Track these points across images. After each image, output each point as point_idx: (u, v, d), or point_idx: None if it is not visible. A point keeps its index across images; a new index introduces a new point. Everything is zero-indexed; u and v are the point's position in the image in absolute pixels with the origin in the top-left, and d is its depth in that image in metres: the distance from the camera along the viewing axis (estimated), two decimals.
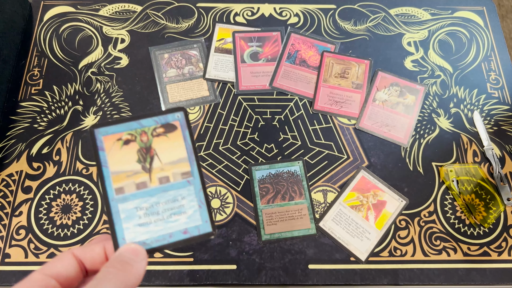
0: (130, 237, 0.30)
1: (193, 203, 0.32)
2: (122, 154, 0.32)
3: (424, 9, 0.74)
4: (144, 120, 0.33)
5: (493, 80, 0.68)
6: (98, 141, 0.32)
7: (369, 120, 0.63)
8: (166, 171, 0.32)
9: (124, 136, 0.32)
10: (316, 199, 0.58)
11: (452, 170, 0.59)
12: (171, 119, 0.33)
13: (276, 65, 0.68)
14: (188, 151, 0.33)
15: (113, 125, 0.32)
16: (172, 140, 0.33)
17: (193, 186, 0.33)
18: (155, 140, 0.33)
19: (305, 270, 0.53)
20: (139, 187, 0.32)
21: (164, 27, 0.71)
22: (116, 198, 0.31)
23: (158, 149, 0.33)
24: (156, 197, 0.32)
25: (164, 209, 0.31)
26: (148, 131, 0.33)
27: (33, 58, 0.68)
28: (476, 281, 0.53)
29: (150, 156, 0.33)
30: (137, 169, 0.32)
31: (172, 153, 0.33)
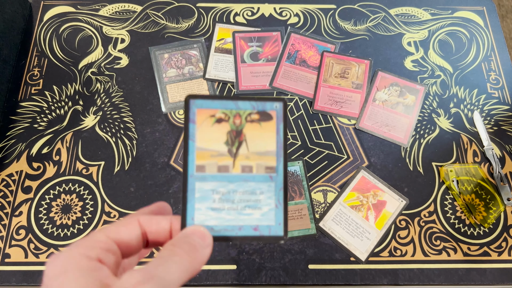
0: (200, 219, 0.29)
1: (270, 201, 0.31)
2: (212, 132, 0.31)
3: (424, 9, 0.74)
4: (241, 102, 0.31)
5: (493, 80, 0.68)
6: (191, 112, 0.30)
7: (369, 120, 0.63)
8: (251, 161, 0.31)
9: (218, 114, 0.31)
10: (316, 199, 0.58)
11: (452, 170, 0.59)
12: (268, 108, 0.32)
13: (276, 65, 0.68)
14: (278, 145, 0.31)
15: (210, 99, 0.31)
16: (265, 129, 0.32)
17: (274, 183, 0.31)
18: (247, 125, 0.31)
19: (305, 270, 0.53)
20: (221, 169, 0.30)
21: (164, 27, 0.71)
22: (195, 175, 0.30)
23: (249, 136, 0.31)
24: (235, 184, 0.30)
25: (240, 199, 0.30)
26: (243, 114, 0.31)
27: (33, 58, 0.68)
28: (476, 281, 0.53)
29: (239, 141, 0.31)
30: (223, 151, 0.31)
31: (261, 143, 0.31)
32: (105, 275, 0.21)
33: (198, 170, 0.30)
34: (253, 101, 0.31)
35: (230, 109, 0.31)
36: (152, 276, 0.21)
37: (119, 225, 0.25)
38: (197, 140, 0.31)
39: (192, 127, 0.30)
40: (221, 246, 0.54)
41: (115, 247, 0.24)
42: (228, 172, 0.30)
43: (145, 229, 0.26)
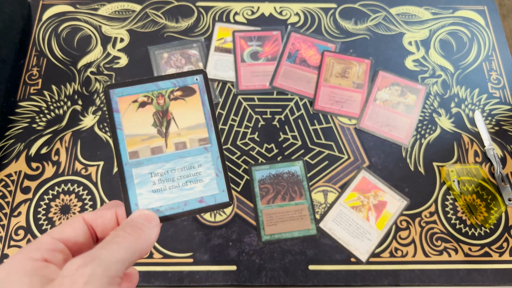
0: (143, 203, 0.29)
1: (210, 171, 0.31)
2: (138, 117, 0.31)
3: (425, 9, 0.74)
4: (161, 82, 0.31)
5: (494, 79, 0.67)
6: (113, 102, 0.31)
7: (370, 120, 0.63)
8: (182, 137, 0.31)
9: (140, 98, 0.31)
10: (317, 199, 0.58)
11: (453, 170, 0.58)
12: (189, 82, 0.32)
13: (276, 64, 0.67)
14: (206, 116, 0.32)
15: (129, 86, 0.31)
16: (190, 104, 0.32)
17: (210, 153, 0.31)
18: (172, 103, 0.31)
19: (305, 271, 0.53)
20: (154, 152, 0.31)
21: (164, 27, 0.71)
22: (130, 162, 0.30)
23: (175, 113, 0.31)
24: (171, 163, 0.31)
25: (180, 176, 0.31)
26: (165, 94, 0.32)
27: (32, 57, 0.67)
28: (477, 282, 0.53)
29: (167, 120, 0.32)
30: (153, 133, 0.31)
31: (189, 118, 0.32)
32: (51, 272, 0.22)
33: (132, 156, 0.30)
34: (173, 79, 0.31)
35: (152, 91, 0.31)
36: (93, 258, 0.22)
37: (64, 225, 0.26)
38: (124, 128, 0.31)
39: (117, 117, 0.30)
40: (220, 247, 0.54)
41: (62, 246, 0.24)
42: (162, 152, 0.31)
43: (91, 224, 0.27)
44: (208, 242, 0.54)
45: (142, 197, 0.29)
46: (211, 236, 0.55)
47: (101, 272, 0.21)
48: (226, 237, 0.55)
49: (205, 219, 0.56)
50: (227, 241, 0.54)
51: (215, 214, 0.56)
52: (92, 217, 0.27)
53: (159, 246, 0.54)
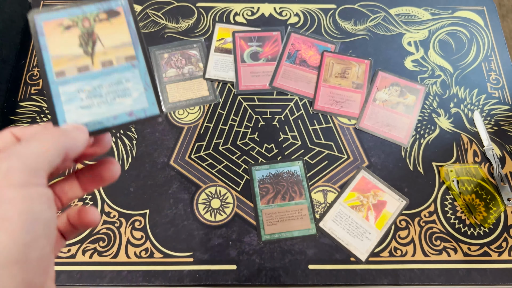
0: (71, 118, 0.30)
1: (138, 86, 0.32)
2: (63, 39, 0.32)
3: (424, 9, 0.74)
4: (86, 7, 0.32)
5: (494, 80, 0.68)
6: (38, 26, 0.31)
7: (370, 120, 0.63)
8: (109, 55, 0.32)
9: (66, 22, 0.32)
10: (316, 199, 0.58)
11: (453, 170, 0.59)
12: (114, 6, 0.33)
13: (276, 65, 0.68)
14: (132, 36, 0.33)
15: (54, 11, 0.32)
16: (115, 25, 0.33)
17: (138, 69, 0.33)
18: (97, 25, 0.32)
19: (305, 271, 0.53)
20: (81, 70, 0.32)
21: (164, 27, 0.71)
22: (56, 81, 0.31)
23: (101, 34, 0.32)
24: (98, 80, 0.32)
25: (108, 92, 0.32)
26: (90, 17, 0.32)
27: (32, 57, 0.68)
28: (477, 281, 0.53)
29: (92, 41, 0.32)
30: (79, 53, 0.32)
31: (115, 38, 0.33)
32: None
33: (58, 75, 0.31)
34: (97, 3, 0.32)
35: (77, 15, 0.32)
36: (9, 154, 0.21)
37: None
38: (50, 50, 0.32)
39: (42, 39, 0.31)
40: (220, 246, 0.54)
41: None
42: (89, 70, 0.31)
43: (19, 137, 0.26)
44: (208, 241, 0.55)
45: (70, 113, 0.30)
46: (211, 235, 0.55)
47: (19, 165, 0.21)
48: (226, 236, 0.55)
49: (205, 219, 0.56)
50: (227, 241, 0.55)
51: (215, 213, 0.56)
52: (21, 131, 0.27)
53: (159, 245, 0.55)
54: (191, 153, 0.61)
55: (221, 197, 0.58)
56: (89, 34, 0.32)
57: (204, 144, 0.61)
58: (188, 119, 0.63)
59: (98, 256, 0.54)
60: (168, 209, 0.57)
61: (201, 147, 0.61)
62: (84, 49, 0.32)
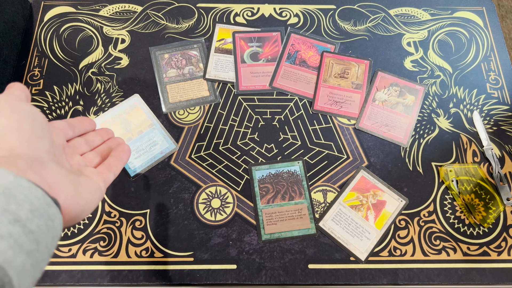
0: (133, 166, 0.59)
1: (159, 137, 0.60)
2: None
3: (423, 9, 0.74)
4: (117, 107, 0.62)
5: (493, 80, 0.68)
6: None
7: (369, 120, 0.63)
8: (139, 128, 0.61)
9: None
10: (316, 199, 0.58)
11: (452, 170, 0.59)
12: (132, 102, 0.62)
13: (276, 65, 0.68)
14: (147, 114, 0.62)
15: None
16: (137, 112, 0.62)
17: (156, 129, 0.61)
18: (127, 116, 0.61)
19: (305, 270, 0.53)
20: (127, 141, 0.60)
21: (164, 28, 0.71)
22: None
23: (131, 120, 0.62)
24: (138, 142, 0.60)
25: (146, 146, 0.60)
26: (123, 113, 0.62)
27: (33, 58, 0.68)
28: (476, 281, 0.53)
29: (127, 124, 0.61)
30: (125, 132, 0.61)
31: (138, 119, 0.62)
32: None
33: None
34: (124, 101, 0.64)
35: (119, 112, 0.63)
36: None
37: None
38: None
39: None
40: (221, 246, 0.54)
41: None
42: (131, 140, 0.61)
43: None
44: (209, 241, 0.55)
45: (132, 164, 0.59)
46: (212, 235, 0.55)
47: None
48: (226, 236, 0.55)
49: (206, 219, 0.56)
50: (227, 240, 0.55)
51: (216, 213, 0.57)
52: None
53: (160, 245, 0.55)
54: (192, 153, 0.61)
55: (221, 197, 0.58)
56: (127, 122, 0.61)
57: (205, 144, 0.62)
58: (189, 119, 0.64)
59: (99, 256, 0.54)
60: (169, 208, 0.57)
61: (201, 147, 0.61)
62: (126, 129, 0.61)
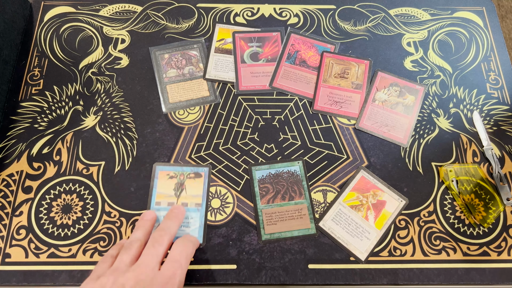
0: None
1: (196, 223, 0.54)
2: (166, 183, 0.56)
3: (423, 10, 0.74)
4: (185, 167, 0.57)
5: (493, 80, 0.68)
6: (156, 172, 0.56)
7: (369, 120, 0.63)
8: (187, 200, 0.55)
9: (171, 173, 0.56)
10: (316, 199, 0.58)
11: (452, 170, 0.59)
12: (200, 171, 0.57)
13: (276, 65, 0.68)
14: (204, 191, 0.56)
15: (167, 165, 0.57)
16: (197, 182, 0.56)
17: (199, 213, 0.54)
18: (187, 180, 0.56)
19: (305, 270, 0.53)
20: (169, 204, 0.55)
21: (164, 28, 0.71)
22: (154, 207, 0.54)
23: (187, 186, 0.56)
24: None
25: None
26: (185, 174, 0.57)
27: (33, 58, 0.68)
28: (476, 281, 0.53)
29: (181, 189, 0.55)
30: (171, 194, 0.55)
31: (194, 190, 0.56)
32: None
33: (157, 204, 0.55)
34: (192, 167, 0.57)
35: (178, 171, 0.56)
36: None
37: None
38: (157, 187, 0.56)
39: (155, 181, 0.56)
40: (221, 246, 0.54)
41: None
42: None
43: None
44: (208, 241, 0.55)
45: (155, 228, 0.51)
46: (211, 235, 0.55)
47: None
48: (226, 236, 0.55)
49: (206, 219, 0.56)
50: (227, 240, 0.55)
51: (216, 213, 0.57)
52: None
53: None
54: (192, 153, 0.61)
55: (221, 197, 0.58)
56: (181, 184, 0.56)
57: (204, 144, 0.62)
58: (189, 119, 0.64)
59: (99, 256, 0.54)
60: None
61: (201, 147, 0.61)
62: (175, 192, 0.55)
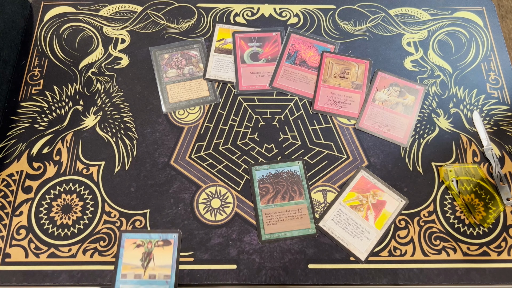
0: None
1: None
2: (133, 253, 0.52)
3: (423, 10, 0.74)
4: (153, 234, 0.53)
5: (493, 80, 0.68)
6: (122, 241, 0.52)
7: (369, 120, 0.63)
8: (155, 271, 0.51)
9: (138, 242, 0.53)
10: (316, 199, 0.58)
11: (452, 170, 0.59)
12: (169, 237, 0.53)
13: (276, 65, 0.68)
14: (173, 260, 0.52)
15: (134, 233, 0.53)
16: (166, 251, 0.52)
17: (168, 285, 0.51)
18: (155, 248, 0.52)
19: (305, 270, 0.53)
20: (136, 277, 0.51)
21: (164, 28, 0.71)
22: (120, 280, 0.51)
23: (155, 255, 0.52)
24: (144, 286, 0.50)
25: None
26: (153, 242, 0.53)
27: (33, 58, 0.68)
28: (476, 281, 0.53)
29: (149, 258, 0.52)
30: (138, 265, 0.52)
31: (162, 259, 0.52)
32: None
33: (123, 277, 0.51)
34: (161, 233, 0.53)
35: (146, 238, 0.52)
36: None
37: None
38: (123, 258, 0.52)
39: (121, 250, 0.52)
40: (221, 246, 0.54)
41: None
42: (140, 278, 0.51)
43: None
44: (209, 241, 0.55)
45: None
46: (212, 235, 0.55)
47: None
48: (226, 236, 0.55)
49: (206, 218, 0.56)
50: (227, 240, 0.55)
51: (216, 213, 0.57)
52: None
53: None
54: (192, 153, 0.61)
55: (221, 197, 0.58)
56: (148, 253, 0.52)
57: (205, 144, 0.62)
58: (189, 119, 0.64)
59: (99, 256, 0.54)
60: (169, 208, 0.57)
61: (201, 147, 0.61)
62: (142, 263, 0.51)
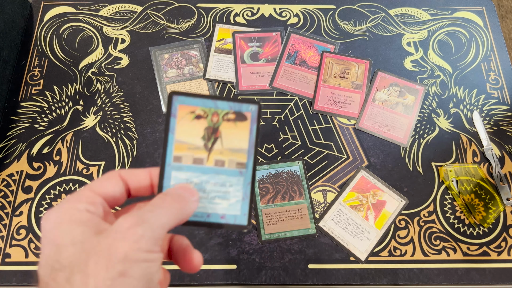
0: None
1: (238, 193, 0.33)
2: (191, 127, 0.33)
3: (423, 9, 0.74)
4: (220, 102, 0.33)
5: (493, 80, 0.68)
6: (173, 107, 0.33)
7: (369, 120, 0.63)
8: (224, 156, 0.33)
9: (198, 111, 0.33)
10: (316, 199, 0.58)
11: (452, 170, 0.59)
12: (244, 109, 0.34)
13: (276, 65, 0.68)
14: (250, 144, 0.33)
15: (191, 97, 0.33)
16: (239, 129, 0.34)
17: (243, 177, 0.33)
18: (224, 123, 0.33)
19: (305, 270, 0.53)
20: (196, 162, 0.33)
21: (164, 28, 0.71)
22: (172, 164, 0.32)
23: (224, 133, 0.33)
24: (207, 176, 0.33)
25: (211, 190, 0.32)
26: (220, 113, 0.33)
27: (33, 58, 0.68)
28: (476, 281, 0.53)
29: (215, 137, 0.34)
30: (199, 145, 0.33)
31: (235, 141, 0.34)
32: (97, 223, 0.24)
33: (175, 160, 0.33)
34: (231, 102, 0.33)
35: (209, 107, 0.33)
36: (143, 220, 0.24)
37: (102, 180, 0.27)
38: (176, 133, 0.33)
39: (173, 121, 0.33)
40: (221, 246, 0.54)
41: (100, 200, 0.26)
42: (202, 164, 0.33)
43: (126, 181, 0.28)
44: (209, 241, 0.55)
45: None
46: (212, 235, 0.55)
47: (150, 234, 0.23)
48: (226, 236, 0.55)
49: None
50: (227, 240, 0.55)
51: None
52: (128, 174, 0.28)
53: None
54: None
55: None
56: (214, 130, 0.33)
57: None
58: None
59: None
60: None
61: None
62: (205, 142, 0.33)
